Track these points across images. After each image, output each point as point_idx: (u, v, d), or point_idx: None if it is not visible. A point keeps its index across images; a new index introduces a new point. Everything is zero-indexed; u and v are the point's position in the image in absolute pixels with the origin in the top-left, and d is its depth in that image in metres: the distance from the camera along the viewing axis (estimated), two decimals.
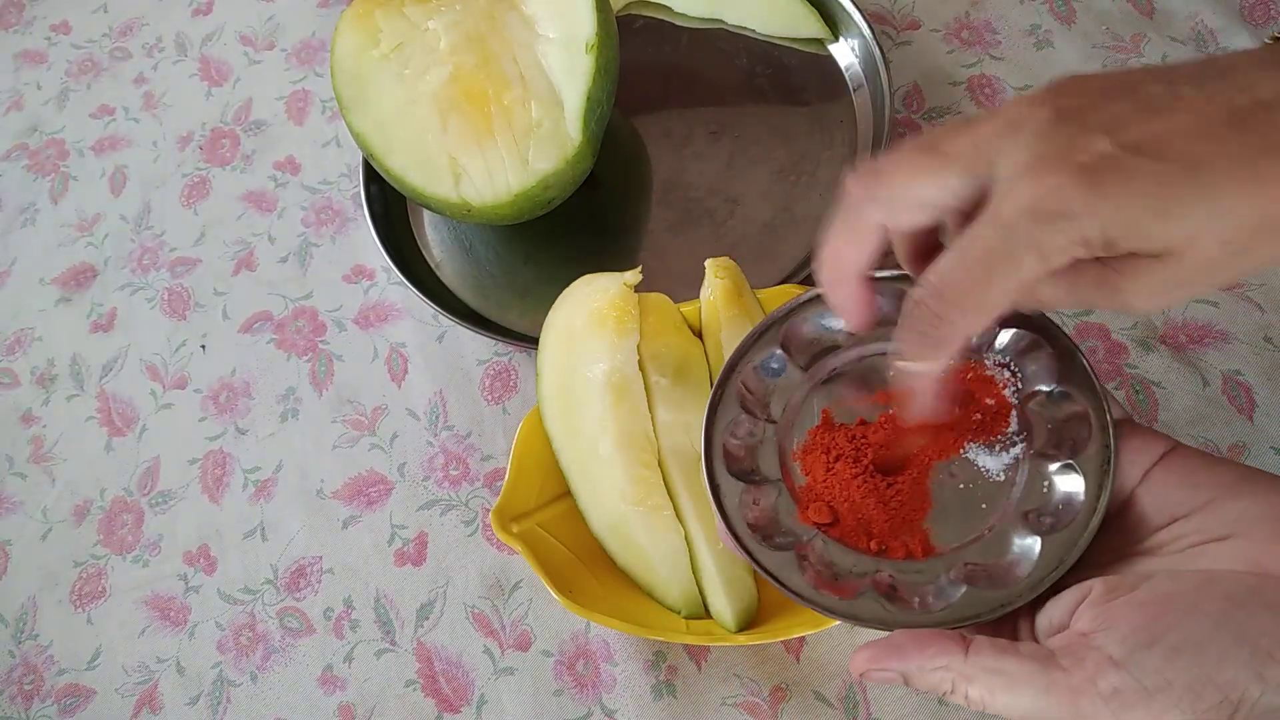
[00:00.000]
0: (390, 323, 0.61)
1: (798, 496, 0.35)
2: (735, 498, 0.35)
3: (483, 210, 0.54)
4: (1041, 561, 0.31)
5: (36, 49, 0.80)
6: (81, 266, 0.68)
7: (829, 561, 0.34)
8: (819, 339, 0.37)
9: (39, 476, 0.61)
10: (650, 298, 0.49)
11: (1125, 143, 0.26)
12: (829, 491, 0.35)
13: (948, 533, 0.33)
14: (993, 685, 0.28)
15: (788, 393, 0.37)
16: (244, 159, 0.70)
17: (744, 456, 0.36)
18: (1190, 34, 0.60)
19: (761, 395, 0.37)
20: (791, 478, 0.36)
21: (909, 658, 0.30)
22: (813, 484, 0.35)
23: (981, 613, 0.31)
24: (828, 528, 0.34)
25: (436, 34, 0.54)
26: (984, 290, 0.28)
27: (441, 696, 0.50)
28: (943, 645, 0.29)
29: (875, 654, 0.30)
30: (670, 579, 0.45)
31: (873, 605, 0.32)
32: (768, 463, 0.36)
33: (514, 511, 0.46)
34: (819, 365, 0.37)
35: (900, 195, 0.30)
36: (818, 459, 0.35)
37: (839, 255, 0.32)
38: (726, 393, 0.37)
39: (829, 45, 0.63)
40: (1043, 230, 0.26)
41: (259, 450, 0.59)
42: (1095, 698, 0.27)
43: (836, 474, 0.35)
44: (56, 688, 0.54)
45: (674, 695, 0.48)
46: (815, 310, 0.37)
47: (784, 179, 0.59)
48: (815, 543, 0.34)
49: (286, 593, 0.54)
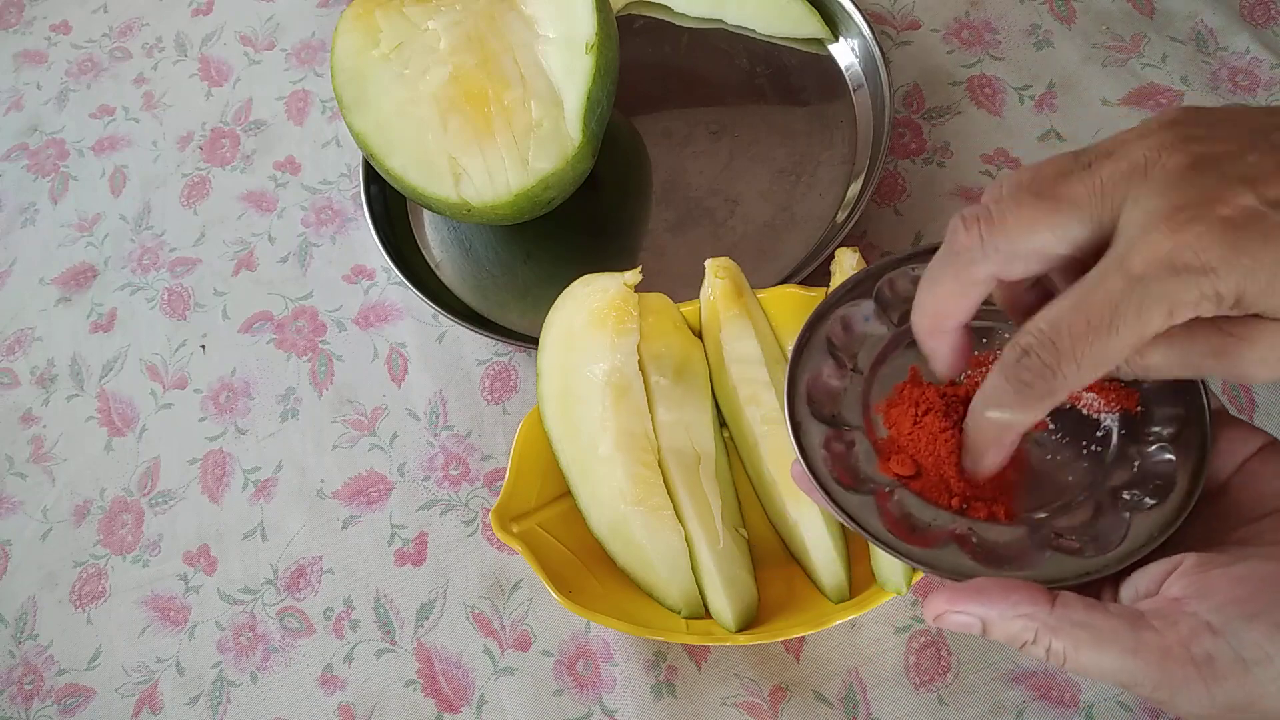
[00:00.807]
0: (390, 323, 0.61)
1: (879, 448, 0.35)
2: (815, 438, 0.34)
3: (483, 210, 0.54)
4: (1131, 535, 0.31)
5: (36, 49, 0.80)
6: (81, 266, 0.68)
7: (907, 513, 0.33)
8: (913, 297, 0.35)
9: (39, 476, 0.61)
10: (650, 298, 0.49)
11: (1270, 198, 0.25)
12: (913, 445, 0.34)
13: (1032, 499, 0.33)
14: (1078, 639, 0.28)
15: (876, 346, 0.36)
16: (244, 159, 0.70)
17: (826, 401, 0.36)
18: (1190, 34, 0.60)
19: (849, 345, 0.37)
20: (873, 429, 0.35)
21: (992, 602, 0.29)
22: (896, 436, 0.35)
23: (1066, 577, 0.30)
24: (909, 480, 0.34)
25: (436, 34, 0.54)
26: (1103, 343, 0.26)
27: (441, 696, 0.50)
28: (1029, 594, 0.29)
29: (955, 596, 0.29)
30: (670, 579, 0.45)
31: (953, 557, 0.32)
32: (850, 411, 0.35)
33: (514, 511, 0.46)
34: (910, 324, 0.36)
35: (1016, 247, 0.28)
36: (905, 412, 0.35)
37: (941, 308, 0.30)
38: (815, 337, 0.36)
39: (829, 45, 0.63)
40: (1175, 284, 0.25)
41: (259, 450, 0.59)
42: (1187, 662, 0.26)
43: (924, 427, 0.34)
44: (56, 688, 0.54)
45: (674, 695, 0.48)
46: (914, 267, 0.36)
47: (784, 179, 0.59)
48: (896, 493, 0.34)
49: (286, 593, 0.54)
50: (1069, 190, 0.28)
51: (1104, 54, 0.61)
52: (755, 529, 0.48)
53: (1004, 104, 0.61)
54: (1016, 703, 0.45)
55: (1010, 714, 0.45)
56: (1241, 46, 0.59)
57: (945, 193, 0.58)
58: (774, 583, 0.46)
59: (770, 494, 0.46)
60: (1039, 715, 0.44)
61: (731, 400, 0.47)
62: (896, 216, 0.58)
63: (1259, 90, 0.57)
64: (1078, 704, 0.44)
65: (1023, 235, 0.28)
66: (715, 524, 0.44)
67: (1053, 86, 0.60)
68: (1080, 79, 0.60)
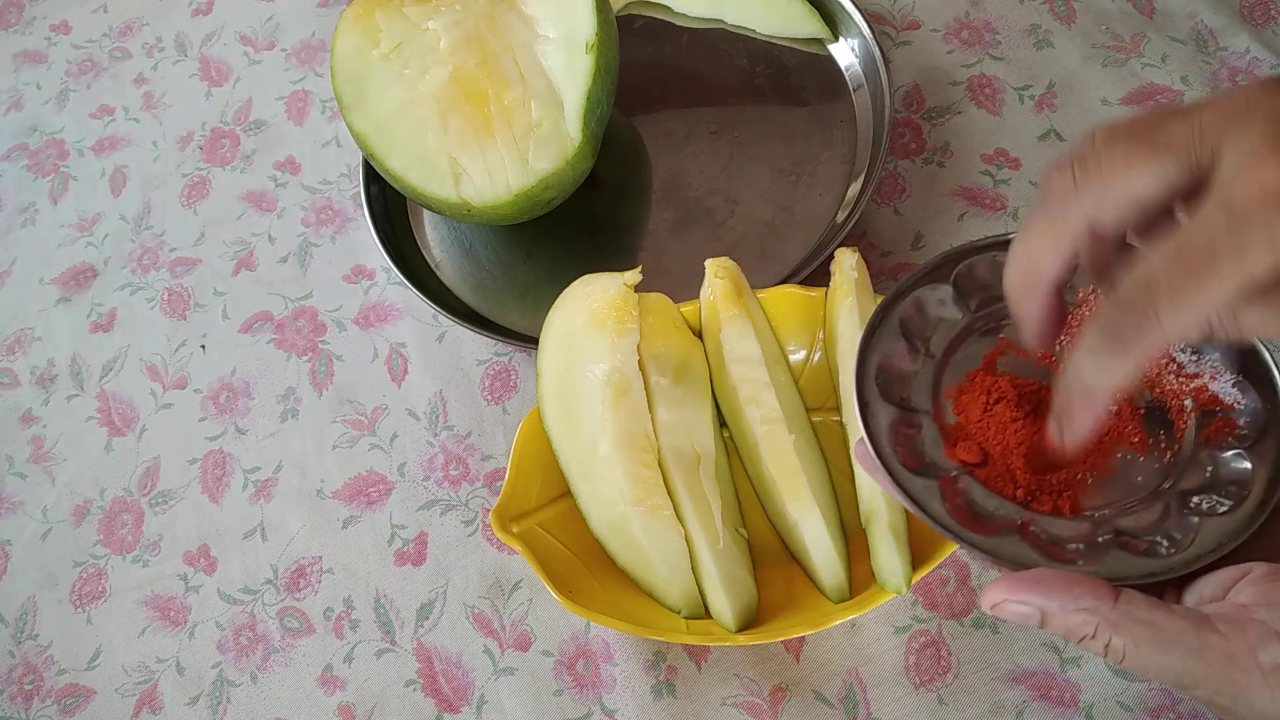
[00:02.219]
0: (390, 323, 0.61)
1: (946, 433, 0.34)
2: (882, 420, 0.34)
3: (483, 210, 0.54)
4: (1200, 540, 0.30)
5: (36, 49, 0.80)
6: (81, 266, 0.68)
7: (971, 500, 0.33)
8: (992, 284, 0.35)
9: (39, 476, 0.61)
10: (650, 298, 0.49)
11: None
12: (982, 432, 0.34)
13: (1099, 496, 0.33)
14: (1140, 637, 0.27)
15: (950, 331, 0.36)
16: (244, 159, 0.70)
17: (896, 383, 0.35)
18: (1190, 34, 0.60)
19: (923, 329, 0.36)
20: (941, 415, 0.35)
21: (1053, 593, 0.28)
22: (965, 423, 0.34)
23: (1130, 576, 0.30)
24: (975, 468, 0.34)
25: (436, 34, 0.54)
26: (1202, 286, 0.25)
27: (441, 696, 0.50)
28: (1092, 588, 0.28)
29: (1014, 585, 0.29)
30: (670, 579, 0.45)
31: (1015, 547, 0.31)
32: (919, 394, 0.35)
33: (514, 511, 0.46)
34: (988, 311, 0.36)
35: (1112, 189, 0.27)
36: (975, 399, 0.34)
37: (1035, 259, 0.29)
38: (888, 318, 0.36)
39: (829, 45, 0.63)
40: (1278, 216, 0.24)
41: (259, 450, 0.59)
42: (1253, 668, 0.26)
43: (994, 416, 0.34)
44: (56, 688, 0.54)
45: (674, 695, 0.48)
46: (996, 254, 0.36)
47: (784, 179, 0.59)
48: (960, 479, 0.33)
49: (286, 593, 0.54)
50: (1166, 132, 0.27)
51: (1104, 54, 0.61)
52: (755, 529, 0.48)
53: (1004, 104, 0.61)
54: (1016, 703, 0.45)
55: (1010, 714, 0.45)
56: (1241, 46, 0.59)
57: (945, 193, 0.58)
58: (774, 583, 0.46)
59: (770, 494, 0.46)
60: (1039, 715, 0.44)
61: (731, 400, 0.47)
62: (896, 216, 0.58)
63: None
64: (1078, 704, 0.44)
65: (1119, 177, 0.27)
66: (715, 524, 0.44)
67: (1053, 86, 0.60)
68: (1080, 79, 0.60)
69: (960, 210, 0.58)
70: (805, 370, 0.50)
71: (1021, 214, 0.57)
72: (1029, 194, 0.57)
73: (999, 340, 0.36)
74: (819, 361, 0.50)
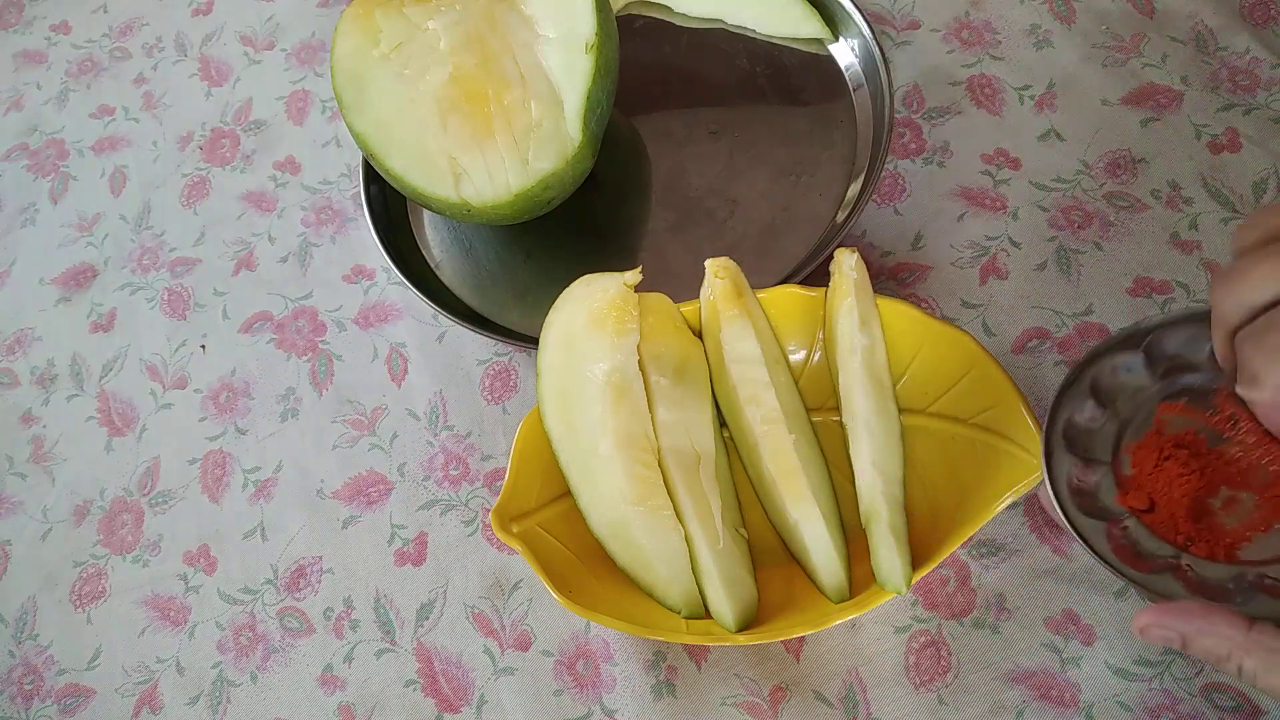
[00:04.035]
0: (390, 323, 0.61)
1: (1120, 483, 0.39)
2: (1063, 468, 0.39)
3: (483, 210, 0.54)
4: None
5: (36, 49, 0.80)
6: (81, 266, 0.68)
7: (1134, 540, 0.38)
8: (1180, 356, 0.40)
9: (39, 476, 0.61)
10: (650, 298, 0.49)
11: None
12: (1152, 484, 0.38)
13: (1255, 546, 0.36)
14: (1270, 663, 0.30)
15: (1136, 393, 0.40)
16: (244, 159, 0.70)
17: (1079, 438, 0.40)
18: (1190, 34, 0.60)
19: (1112, 389, 0.40)
20: (1120, 466, 0.39)
21: (1193, 621, 0.32)
22: (1138, 475, 0.39)
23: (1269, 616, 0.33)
24: (1142, 513, 0.38)
25: (436, 34, 0.54)
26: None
27: (441, 696, 0.50)
28: (1229, 618, 0.32)
29: (1160, 613, 0.33)
30: (670, 579, 0.45)
31: (1166, 582, 0.36)
32: (1102, 447, 0.40)
33: (514, 511, 0.46)
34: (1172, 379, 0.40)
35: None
36: (1149, 455, 0.39)
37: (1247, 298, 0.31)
38: (1082, 378, 0.40)
39: (829, 45, 0.63)
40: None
41: (259, 450, 0.59)
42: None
43: (1164, 470, 0.38)
44: (56, 688, 0.54)
45: (674, 695, 0.48)
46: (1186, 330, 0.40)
47: (784, 179, 0.59)
48: (1128, 522, 0.38)
49: (286, 593, 0.54)
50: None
51: (1104, 54, 0.61)
52: (755, 529, 0.48)
53: (1004, 104, 0.61)
54: (1016, 703, 0.45)
55: (1010, 714, 0.45)
56: (1241, 46, 0.59)
57: (945, 193, 0.58)
58: (774, 583, 0.46)
59: (770, 494, 0.46)
60: (1039, 715, 0.44)
61: (731, 400, 0.47)
62: (896, 216, 0.58)
63: (1259, 90, 0.57)
64: (1078, 704, 0.44)
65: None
66: (715, 524, 0.44)
67: (1053, 86, 0.60)
68: (1080, 79, 0.60)
69: (960, 210, 0.58)
70: (805, 370, 0.50)
71: (1021, 214, 0.57)
72: (1029, 194, 0.57)
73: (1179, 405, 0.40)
74: (819, 361, 0.50)
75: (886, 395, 0.47)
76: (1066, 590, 0.47)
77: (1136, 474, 0.39)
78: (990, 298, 0.55)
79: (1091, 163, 0.57)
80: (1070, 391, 0.40)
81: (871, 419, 0.46)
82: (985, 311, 0.54)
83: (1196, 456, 0.38)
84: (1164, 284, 0.53)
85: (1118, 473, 0.40)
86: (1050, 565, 0.48)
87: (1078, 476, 0.39)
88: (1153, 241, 0.54)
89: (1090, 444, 0.40)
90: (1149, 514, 0.38)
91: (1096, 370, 0.40)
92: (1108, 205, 0.56)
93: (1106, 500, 0.39)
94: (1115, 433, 0.40)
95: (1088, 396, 0.40)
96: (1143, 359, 0.40)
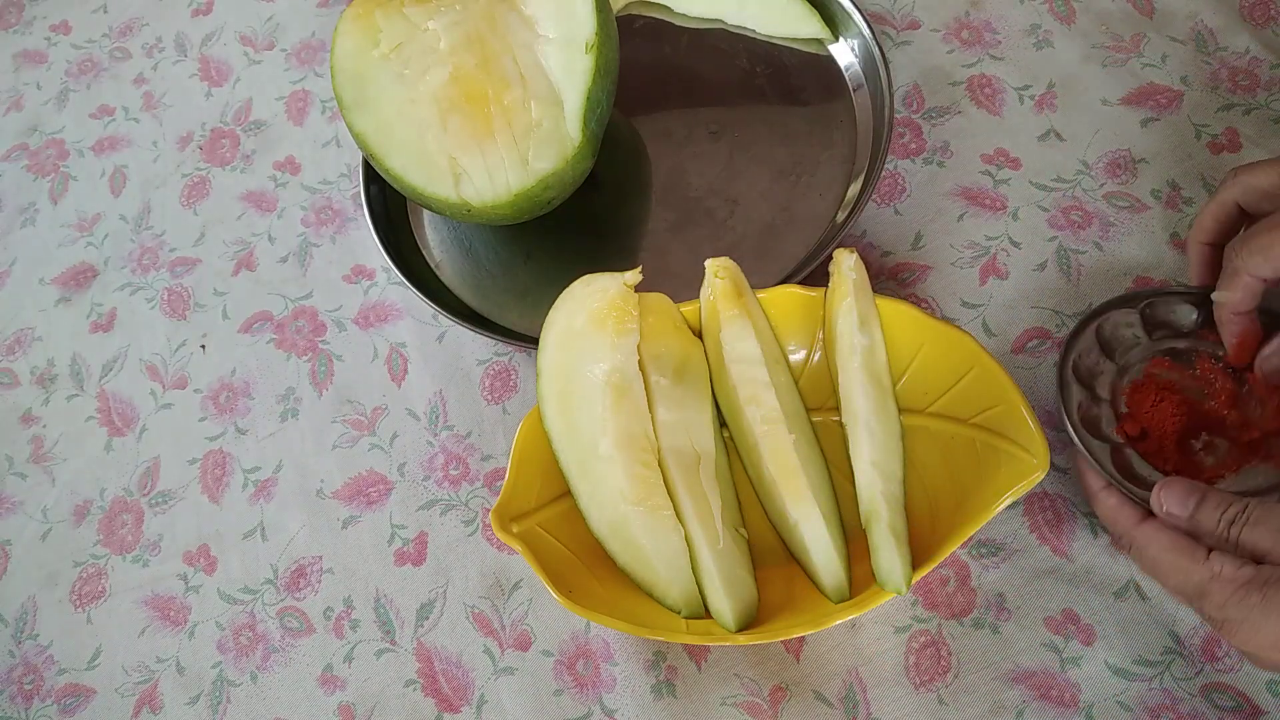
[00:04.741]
0: (390, 323, 0.61)
1: (1119, 416, 0.47)
2: (1074, 398, 0.46)
3: (483, 210, 0.54)
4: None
5: (36, 49, 0.80)
6: (81, 266, 0.68)
7: (1130, 464, 0.45)
8: (1170, 322, 0.48)
9: (39, 476, 0.61)
10: (650, 298, 0.49)
11: None
12: (1147, 419, 0.46)
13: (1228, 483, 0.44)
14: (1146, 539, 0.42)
15: (1133, 346, 0.48)
16: (244, 159, 0.70)
17: (1086, 375, 0.48)
18: (1190, 34, 0.60)
19: (1113, 341, 0.48)
20: (1117, 405, 0.47)
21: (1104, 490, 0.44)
22: (1134, 411, 0.47)
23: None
24: (1136, 441, 0.46)
25: (436, 34, 0.54)
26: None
27: (441, 696, 0.50)
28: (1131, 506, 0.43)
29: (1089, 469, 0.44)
30: (670, 579, 0.45)
31: None
32: (1103, 386, 0.47)
33: (514, 511, 0.46)
34: (1162, 340, 0.48)
35: None
36: (1146, 395, 0.47)
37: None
38: (1087, 330, 0.48)
39: (829, 45, 0.63)
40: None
41: (259, 450, 0.59)
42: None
43: (1158, 409, 0.46)
44: (56, 688, 0.54)
45: (674, 695, 0.48)
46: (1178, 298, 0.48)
47: (784, 179, 0.59)
48: (1125, 450, 0.45)
49: (286, 593, 0.54)
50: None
51: (1104, 54, 0.61)
52: (755, 529, 0.48)
53: (1004, 104, 0.61)
54: (1016, 702, 0.45)
55: (1010, 714, 0.45)
56: (1241, 46, 0.59)
57: (945, 193, 0.58)
58: (774, 583, 0.46)
59: (770, 494, 0.46)
60: (1039, 715, 0.44)
61: (731, 400, 0.47)
62: (896, 216, 0.58)
63: (1259, 90, 0.57)
64: (1078, 704, 0.44)
65: None
66: (715, 524, 0.44)
67: (1053, 86, 0.60)
68: (1080, 79, 0.60)
69: (960, 210, 0.58)
70: (805, 370, 0.50)
71: (1021, 214, 0.57)
72: (1029, 194, 0.57)
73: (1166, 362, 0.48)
74: (819, 361, 0.50)
75: (886, 395, 0.47)
76: (1066, 590, 0.47)
77: (1132, 410, 0.47)
78: (990, 298, 0.55)
79: (1091, 163, 0.57)
80: (1079, 336, 0.48)
81: (871, 419, 0.46)
82: (985, 311, 0.54)
83: (1184, 403, 0.47)
84: (1163, 284, 0.53)
85: (1115, 409, 0.47)
86: (1050, 565, 0.48)
87: (1085, 407, 0.46)
88: (1153, 241, 0.54)
89: (1094, 382, 0.48)
90: (1141, 442, 0.46)
91: (1102, 321, 0.48)
92: (1108, 205, 0.56)
93: (1107, 430, 0.46)
94: (1114, 376, 0.48)
95: (1094, 343, 0.48)
96: (1139, 319, 0.48)
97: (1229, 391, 0.47)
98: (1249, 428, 0.46)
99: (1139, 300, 0.48)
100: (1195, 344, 0.48)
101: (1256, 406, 0.46)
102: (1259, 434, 0.45)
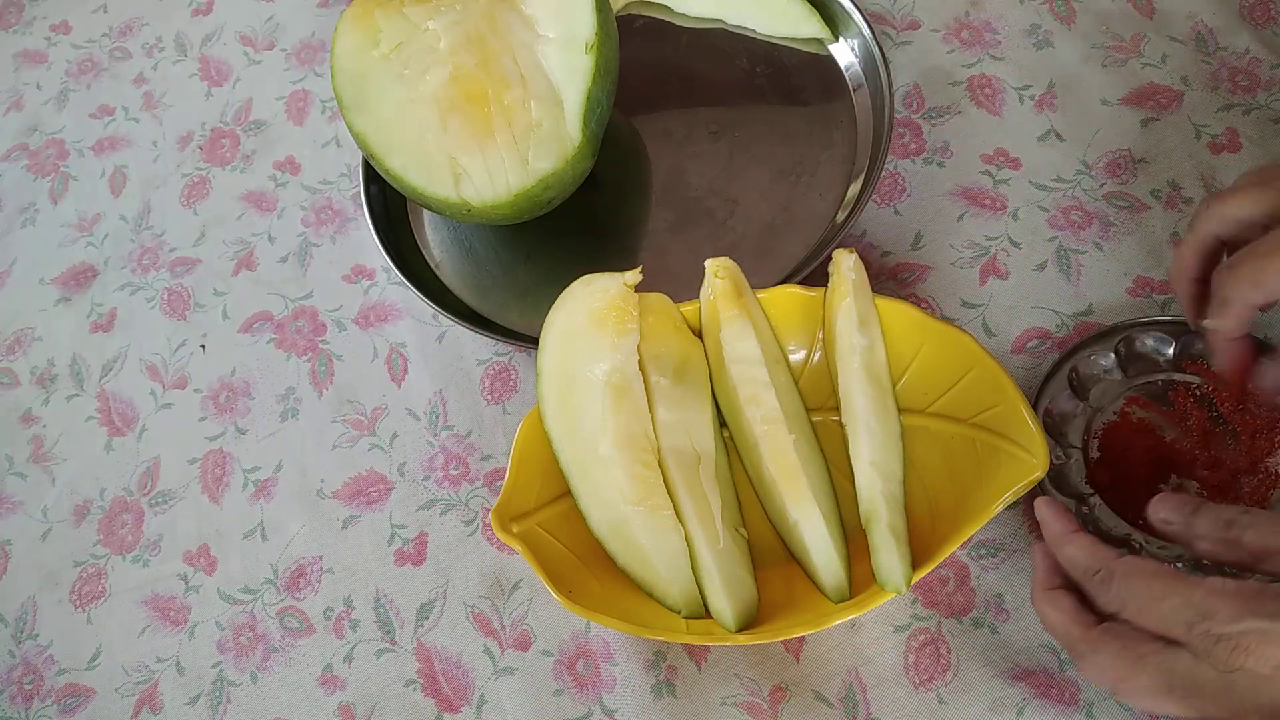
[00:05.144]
0: (390, 323, 0.61)
1: (1088, 463, 0.47)
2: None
3: (483, 210, 0.54)
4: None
5: (36, 49, 0.80)
6: (81, 266, 0.68)
7: (1095, 518, 0.45)
8: (1148, 356, 0.49)
9: (39, 476, 0.61)
10: (650, 298, 0.49)
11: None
12: (1115, 465, 0.46)
13: None
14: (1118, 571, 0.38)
15: (1107, 385, 0.48)
16: (244, 159, 0.70)
17: (1056, 423, 0.48)
18: (1190, 34, 0.60)
19: (1087, 380, 0.48)
20: (1089, 450, 0.47)
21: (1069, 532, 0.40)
22: (1104, 456, 0.47)
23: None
24: (1105, 490, 0.46)
25: (436, 34, 0.54)
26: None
27: (441, 696, 0.50)
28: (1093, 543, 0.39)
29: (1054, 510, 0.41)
30: (670, 579, 0.45)
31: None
32: (1074, 433, 0.48)
33: (514, 511, 0.46)
34: (1138, 376, 0.48)
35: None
36: (1115, 439, 0.47)
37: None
38: (1061, 370, 0.48)
39: (829, 45, 0.63)
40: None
41: (259, 450, 0.59)
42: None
43: (1127, 453, 0.46)
44: (56, 688, 0.54)
45: (674, 695, 0.48)
46: (1155, 332, 0.49)
47: (784, 179, 0.59)
48: (1091, 500, 0.46)
49: (286, 593, 0.54)
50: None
51: (1104, 54, 0.61)
52: (755, 529, 0.48)
53: (1004, 104, 0.61)
54: (1016, 701, 0.45)
55: (1010, 712, 0.45)
56: (1241, 46, 0.59)
57: (945, 193, 0.58)
58: (774, 583, 0.46)
59: (770, 494, 0.46)
60: (1039, 714, 0.44)
61: (731, 400, 0.47)
62: (896, 216, 0.58)
63: (1259, 90, 0.57)
64: (1078, 702, 0.44)
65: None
66: (715, 524, 0.44)
67: (1053, 86, 0.60)
68: (1080, 79, 0.60)
69: (960, 210, 0.58)
70: (805, 370, 0.50)
71: (1021, 214, 0.57)
72: (1029, 194, 0.57)
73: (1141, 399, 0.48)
74: (819, 361, 0.50)
75: (886, 395, 0.47)
76: None
77: (1103, 455, 0.47)
78: (990, 298, 0.55)
79: (1091, 163, 0.57)
80: (1050, 383, 0.48)
81: (871, 419, 0.46)
82: (985, 311, 0.54)
83: (1155, 447, 0.46)
84: (1164, 284, 0.53)
85: (1086, 456, 0.47)
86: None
87: (1054, 457, 0.46)
88: (1153, 241, 0.54)
89: (1065, 430, 0.48)
90: (1110, 491, 0.46)
91: (1075, 361, 0.48)
92: (1108, 205, 0.56)
93: (1075, 481, 0.46)
94: (1086, 421, 0.48)
95: (1065, 387, 0.48)
96: (1114, 357, 0.48)
97: (1203, 428, 0.47)
98: (1219, 467, 0.46)
99: (1113, 338, 0.49)
100: (1171, 376, 0.48)
101: (1230, 441, 0.46)
102: (1229, 474, 0.46)
